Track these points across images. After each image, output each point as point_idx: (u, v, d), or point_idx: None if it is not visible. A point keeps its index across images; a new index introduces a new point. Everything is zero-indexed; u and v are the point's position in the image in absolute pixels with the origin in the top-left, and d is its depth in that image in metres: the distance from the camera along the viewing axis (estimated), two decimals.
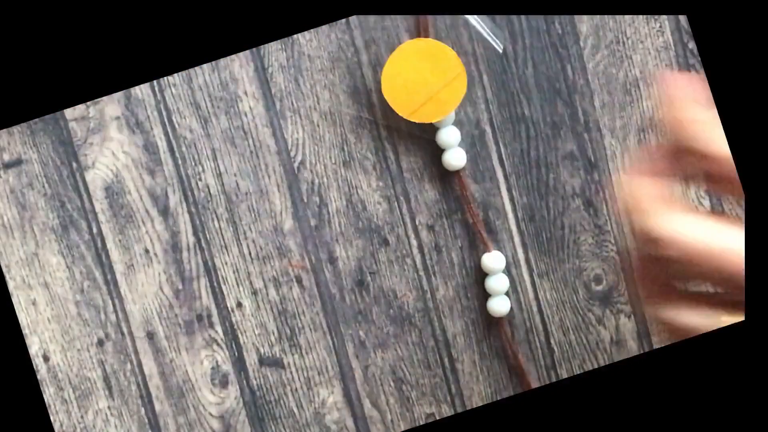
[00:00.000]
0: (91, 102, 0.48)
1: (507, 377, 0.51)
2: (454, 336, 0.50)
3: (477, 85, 0.49)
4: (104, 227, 0.49)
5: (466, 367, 0.51)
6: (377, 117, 0.49)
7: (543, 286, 0.50)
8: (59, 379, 0.49)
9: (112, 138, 0.49)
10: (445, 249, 0.50)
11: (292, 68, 0.49)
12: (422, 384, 0.51)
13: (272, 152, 0.49)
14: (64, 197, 0.49)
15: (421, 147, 0.50)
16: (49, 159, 0.49)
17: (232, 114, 0.49)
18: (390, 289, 0.50)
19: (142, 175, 0.49)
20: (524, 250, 0.50)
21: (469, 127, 0.49)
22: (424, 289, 0.50)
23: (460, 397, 0.51)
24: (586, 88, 0.49)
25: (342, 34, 0.49)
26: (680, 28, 0.49)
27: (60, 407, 0.49)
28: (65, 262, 0.49)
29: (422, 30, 0.48)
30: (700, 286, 0.31)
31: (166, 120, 0.49)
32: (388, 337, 0.50)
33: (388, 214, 0.50)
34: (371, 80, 0.49)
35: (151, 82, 0.48)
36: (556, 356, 0.51)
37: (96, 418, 0.50)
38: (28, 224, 0.49)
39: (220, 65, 0.49)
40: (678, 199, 0.30)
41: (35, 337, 0.49)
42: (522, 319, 0.51)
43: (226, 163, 0.49)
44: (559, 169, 0.49)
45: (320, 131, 0.49)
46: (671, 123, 0.30)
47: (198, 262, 0.49)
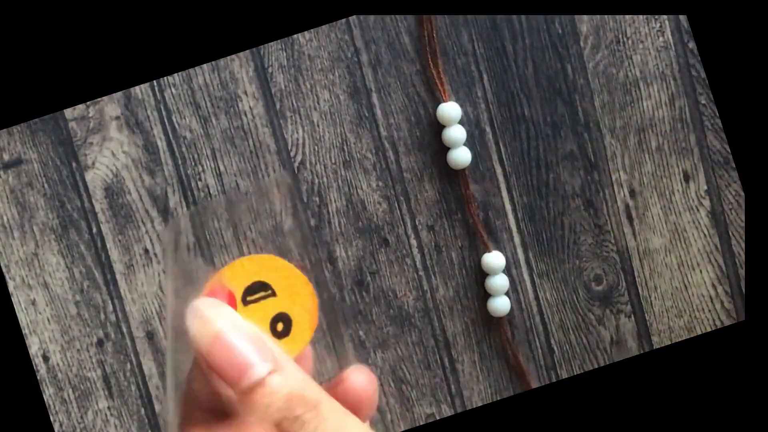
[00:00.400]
0: (91, 102, 0.48)
1: (507, 377, 0.51)
2: (454, 336, 0.50)
3: (477, 85, 0.49)
4: (104, 227, 0.49)
5: (466, 367, 0.51)
6: (377, 117, 0.49)
7: (543, 286, 0.50)
8: (59, 379, 0.49)
9: (112, 138, 0.49)
10: (445, 249, 0.50)
11: (292, 68, 0.49)
12: (422, 384, 0.51)
13: (272, 152, 0.49)
14: (64, 197, 0.49)
15: (421, 147, 0.50)
16: (49, 159, 0.49)
17: (232, 114, 0.49)
18: (390, 289, 0.50)
19: (142, 175, 0.49)
20: (524, 250, 0.50)
21: (469, 126, 0.49)
22: (424, 289, 0.50)
23: (460, 397, 0.51)
24: (586, 88, 0.49)
25: (342, 34, 0.49)
26: (680, 28, 0.49)
27: (60, 407, 0.49)
28: (65, 262, 0.49)
29: (424, 29, 0.48)
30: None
31: (166, 120, 0.49)
32: (388, 337, 0.50)
33: (388, 214, 0.50)
34: (371, 80, 0.49)
35: (151, 82, 0.48)
36: (556, 356, 0.51)
37: (96, 418, 0.50)
38: (27, 224, 0.49)
39: (220, 65, 0.49)
40: None
41: (35, 337, 0.49)
42: (522, 319, 0.51)
43: (226, 163, 0.49)
44: (559, 169, 0.49)
45: (320, 131, 0.49)
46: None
47: (198, 262, 0.49)
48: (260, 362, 0.27)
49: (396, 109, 0.49)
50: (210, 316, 0.29)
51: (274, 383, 0.27)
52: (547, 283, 0.50)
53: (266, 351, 0.28)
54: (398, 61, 0.49)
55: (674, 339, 0.51)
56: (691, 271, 0.50)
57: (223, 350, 0.28)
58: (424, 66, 0.49)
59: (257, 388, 0.27)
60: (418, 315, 0.50)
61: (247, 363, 0.27)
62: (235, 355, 0.28)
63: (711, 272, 0.50)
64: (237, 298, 0.31)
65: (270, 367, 0.27)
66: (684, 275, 0.50)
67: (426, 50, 0.49)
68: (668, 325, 0.51)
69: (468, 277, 0.50)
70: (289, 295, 0.31)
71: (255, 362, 0.27)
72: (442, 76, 0.49)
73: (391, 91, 0.49)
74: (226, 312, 0.29)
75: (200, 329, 0.29)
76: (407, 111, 0.49)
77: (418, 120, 0.49)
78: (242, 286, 0.31)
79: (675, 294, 0.50)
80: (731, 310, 0.50)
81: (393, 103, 0.49)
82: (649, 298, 0.51)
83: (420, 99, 0.49)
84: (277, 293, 0.31)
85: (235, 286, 0.31)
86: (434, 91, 0.49)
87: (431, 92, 0.49)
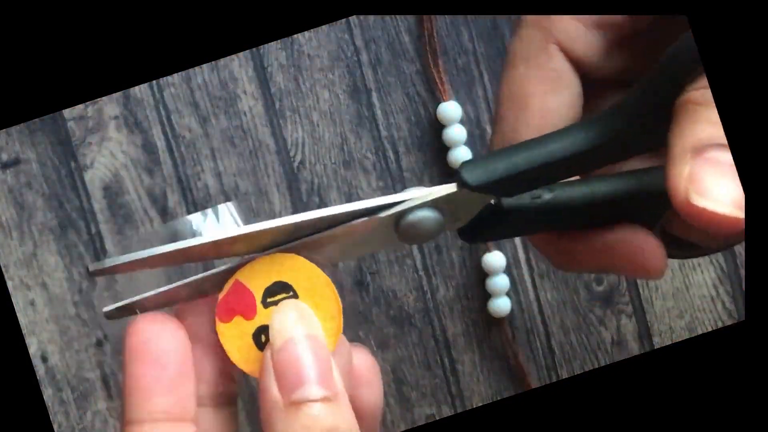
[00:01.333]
0: (90, 101, 0.48)
1: (507, 378, 0.51)
2: (455, 336, 0.50)
3: (477, 84, 0.49)
4: (103, 227, 0.49)
5: (467, 367, 0.51)
6: (377, 117, 0.49)
7: (544, 286, 0.50)
8: (58, 379, 0.49)
9: (111, 138, 0.49)
10: (445, 249, 0.50)
11: (292, 68, 0.49)
12: (422, 385, 0.50)
13: (272, 152, 0.49)
14: (63, 197, 0.49)
15: (421, 147, 0.49)
16: (48, 159, 0.49)
17: (232, 113, 0.49)
18: (390, 289, 0.50)
19: (141, 174, 0.49)
20: (525, 250, 0.50)
21: (470, 126, 0.49)
22: (424, 289, 0.50)
23: (460, 398, 0.51)
24: None
25: (342, 34, 0.49)
26: None
27: (59, 408, 0.49)
28: (64, 263, 0.49)
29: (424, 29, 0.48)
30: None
31: (165, 119, 0.49)
32: (388, 338, 0.50)
33: None
34: (371, 80, 0.49)
35: (150, 82, 0.48)
36: (557, 357, 0.51)
37: (95, 419, 0.49)
38: (26, 224, 0.49)
39: (220, 65, 0.49)
40: None
41: (33, 338, 0.49)
42: (523, 320, 0.50)
43: (226, 163, 0.49)
44: None
45: (320, 131, 0.49)
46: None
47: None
48: (318, 384, 0.27)
49: (396, 108, 0.49)
50: (297, 319, 0.28)
51: (323, 411, 0.27)
52: (547, 284, 0.50)
53: (330, 379, 0.27)
54: (398, 61, 0.49)
55: (675, 339, 0.50)
56: (692, 272, 0.50)
57: (291, 354, 0.27)
58: (424, 66, 0.49)
59: (304, 407, 0.27)
60: (419, 315, 0.50)
61: (308, 378, 0.27)
62: (300, 365, 0.27)
63: (712, 272, 0.50)
64: (257, 300, 0.30)
65: (326, 393, 0.27)
66: (685, 275, 0.50)
67: (426, 50, 0.49)
68: (669, 325, 0.50)
69: (468, 277, 0.50)
70: (312, 297, 0.30)
71: (314, 381, 0.27)
72: (443, 76, 0.49)
73: (391, 91, 0.49)
74: (313, 324, 0.29)
75: (281, 326, 0.28)
76: (407, 111, 0.49)
77: (418, 120, 0.49)
78: (262, 287, 0.29)
79: (676, 294, 0.50)
80: (732, 310, 0.50)
81: (393, 102, 0.49)
82: (650, 298, 0.51)
83: (420, 99, 0.49)
84: (299, 296, 0.30)
85: (255, 286, 0.29)
86: (434, 91, 0.49)
87: (431, 92, 0.49)
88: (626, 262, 0.32)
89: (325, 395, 0.27)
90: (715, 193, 0.24)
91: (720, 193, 0.24)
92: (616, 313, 0.50)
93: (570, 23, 0.32)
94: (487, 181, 0.29)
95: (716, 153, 0.25)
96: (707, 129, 0.25)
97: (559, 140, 0.29)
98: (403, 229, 0.30)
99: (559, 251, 0.33)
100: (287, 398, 0.27)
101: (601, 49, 0.33)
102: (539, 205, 0.31)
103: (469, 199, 0.30)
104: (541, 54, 0.33)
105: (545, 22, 0.33)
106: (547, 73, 0.33)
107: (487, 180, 0.29)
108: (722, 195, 0.24)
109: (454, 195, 0.30)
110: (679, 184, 0.25)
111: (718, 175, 0.24)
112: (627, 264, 0.32)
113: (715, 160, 0.25)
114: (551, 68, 0.33)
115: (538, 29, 0.33)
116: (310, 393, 0.27)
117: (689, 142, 0.25)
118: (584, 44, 0.33)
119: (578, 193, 0.31)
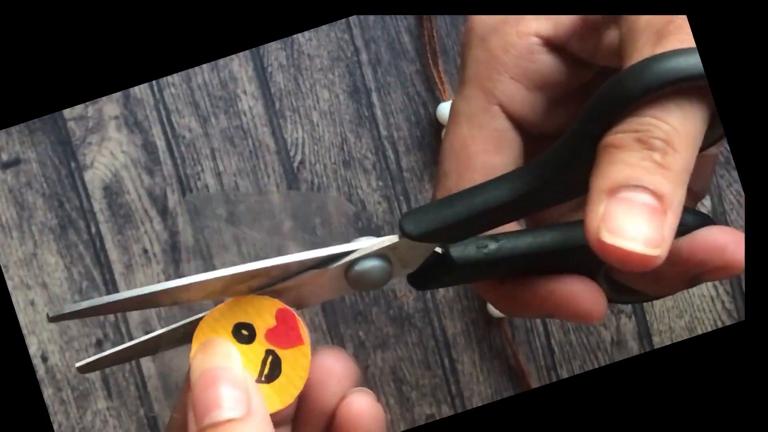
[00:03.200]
0: (90, 101, 0.48)
1: (507, 378, 0.51)
2: (455, 336, 0.50)
3: None
4: (103, 227, 0.49)
5: (467, 367, 0.51)
6: (377, 117, 0.49)
7: None
8: (58, 379, 0.49)
9: (111, 138, 0.49)
10: None
11: (292, 67, 0.49)
12: (422, 384, 0.50)
13: (271, 152, 0.49)
14: (63, 197, 0.49)
15: (421, 147, 0.49)
16: (48, 159, 0.49)
17: (232, 113, 0.49)
18: (390, 289, 0.50)
19: (141, 174, 0.49)
20: None
21: None
22: None
23: (460, 398, 0.51)
24: None
25: (342, 34, 0.49)
26: None
27: (59, 408, 0.49)
28: (64, 263, 0.49)
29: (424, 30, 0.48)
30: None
31: (165, 119, 0.49)
32: (387, 338, 0.50)
33: (388, 214, 0.50)
34: (371, 80, 0.49)
35: (150, 82, 0.48)
36: (557, 357, 0.51)
37: (95, 419, 0.50)
38: (26, 224, 0.49)
39: (220, 64, 0.49)
40: None
41: (34, 338, 0.49)
42: (522, 320, 0.51)
43: (225, 163, 0.49)
44: None
45: (320, 131, 0.49)
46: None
47: (197, 263, 0.49)
48: (230, 407, 0.28)
49: (396, 108, 0.49)
50: (211, 353, 0.30)
51: (232, 430, 0.28)
52: None
53: (243, 400, 0.28)
54: (398, 61, 0.49)
55: (675, 339, 0.51)
56: None
57: (203, 385, 0.29)
58: (424, 65, 0.49)
59: (213, 429, 0.28)
60: (418, 315, 0.50)
61: (218, 403, 0.28)
62: (212, 393, 0.28)
63: None
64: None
65: (238, 414, 0.28)
66: None
67: (426, 50, 0.49)
68: (669, 325, 0.50)
69: None
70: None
71: (226, 406, 0.28)
72: (442, 76, 0.49)
73: (391, 91, 0.49)
74: (228, 354, 0.30)
75: (198, 362, 0.30)
76: (407, 111, 0.49)
77: (418, 120, 0.49)
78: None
79: (676, 294, 0.50)
80: (732, 310, 0.50)
81: (393, 102, 0.49)
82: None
83: (420, 98, 0.49)
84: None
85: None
86: (434, 91, 0.49)
87: (431, 92, 0.49)
88: (567, 308, 0.33)
89: (237, 415, 0.28)
90: (627, 231, 0.25)
91: (631, 231, 0.25)
92: (615, 313, 0.50)
93: (511, 85, 0.33)
94: (427, 230, 0.31)
95: (630, 193, 0.26)
96: (624, 170, 0.26)
97: (495, 188, 0.31)
98: (352, 278, 0.31)
99: (502, 297, 0.34)
100: (200, 425, 0.28)
101: (542, 108, 0.34)
102: (485, 255, 0.32)
103: (413, 248, 0.32)
104: (484, 114, 0.34)
105: (488, 83, 0.34)
106: (490, 132, 0.34)
107: (426, 229, 0.31)
108: (633, 233, 0.25)
109: (398, 245, 0.31)
110: (593, 222, 0.26)
111: (631, 214, 0.25)
112: (568, 310, 0.33)
113: (629, 200, 0.25)
114: (494, 128, 0.34)
115: (481, 90, 0.34)
116: (221, 414, 0.28)
117: (606, 183, 0.26)
118: (525, 105, 0.34)
119: (523, 243, 0.33)
